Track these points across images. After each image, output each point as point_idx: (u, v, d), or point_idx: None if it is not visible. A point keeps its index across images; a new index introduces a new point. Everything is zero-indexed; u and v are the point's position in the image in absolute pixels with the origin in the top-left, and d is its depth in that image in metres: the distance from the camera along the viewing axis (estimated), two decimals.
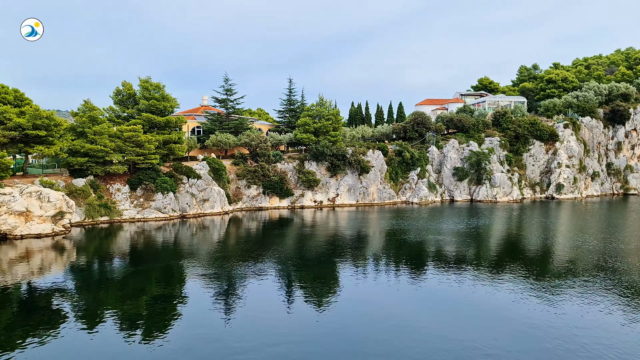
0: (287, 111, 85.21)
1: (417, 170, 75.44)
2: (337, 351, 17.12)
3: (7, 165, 44.45)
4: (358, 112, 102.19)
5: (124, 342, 17.89)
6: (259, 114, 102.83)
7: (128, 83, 61.92)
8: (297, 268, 30.52)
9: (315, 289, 25.45)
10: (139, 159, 54.13)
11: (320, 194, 68.22)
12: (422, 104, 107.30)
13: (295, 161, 69.43)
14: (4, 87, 50.98)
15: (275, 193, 65.27)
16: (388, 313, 21.44)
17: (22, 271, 29.83)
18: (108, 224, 49.25)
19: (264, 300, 23.59)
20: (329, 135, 70.59)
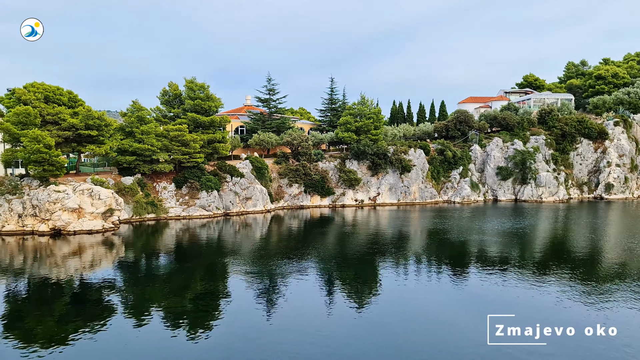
0: (329, 110, 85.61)
1: (460, 170, 74.55)
2: (376, 351, 17.22)
3: (61, 164, 46.51)
4: (399, 111, 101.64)
5: (169, 337, 18.61)
6: (300, 113, 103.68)
7: (174, 84, 63.64)
8: (337, 267, 30.83)
9: (355, 288, 25.65)
10: (185, 157, 55.64)
11: (361, 193, 68.37)
12: (465, 102, 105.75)
13: (336, 160, 69.79)
14: (59, 89, 53.23)
15: (316, 192, 65.83)
16: (428, 314, 21.43)
17: (74, 265, 31.31)
18: (155, 221, 50.89)
19: (305, 299, 23.94)
20: (370, 134, 70.58)
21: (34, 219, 42.30)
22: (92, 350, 17.30)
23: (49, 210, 41.85)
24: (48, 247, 37.21)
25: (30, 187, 45.05)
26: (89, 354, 16.89)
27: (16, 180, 45.51)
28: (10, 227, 42.02)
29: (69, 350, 17.22)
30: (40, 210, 42.01)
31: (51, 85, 52.62)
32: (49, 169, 45.32)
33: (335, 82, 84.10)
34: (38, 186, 45.03)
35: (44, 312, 21.61)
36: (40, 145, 44.02)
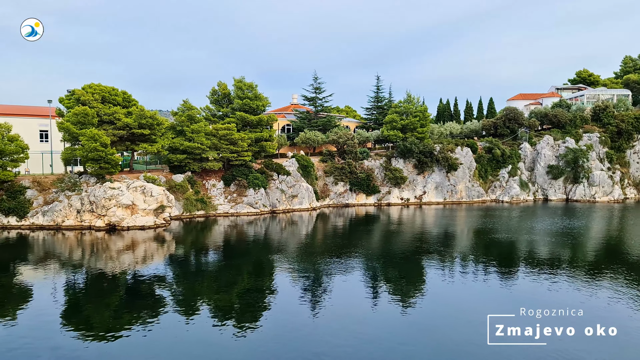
0: (375, 108, 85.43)
1: (508, 168, 73.06)
2: (421, 351, 17.30)
3: (116, 161, 48.48)
4: (446, 109, 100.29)
5: (217, 331, 19.28)
6: (346, 112, 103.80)
7: (223, 83, 65.08)
8: (383, 265, 30.95)
9: (400, 287, 25.68)
10: (233, 156, 56.90)
11: (407, 192, 68.07)
12: (514, 99, 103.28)
13: (382, 158, 69.71)
14: (115, 90, 55.42)
15: (361, 190, 65.98)
16: (474, 315, 21.18)
17: (128, 260, 32.72)
18: (204, 217, 52.32)
19: (350, 296, 24.15)
20: (417, 132, 70.13)
21: (91, 215, 44.30)
22: (144, 341, 18.14)
23: (105, 207, 43.75)
24: (104, 241, 38.95)
25: (87, 184, 47.20)
26: (142, 345, 17.74)
27: (75, 178, 47.77)
28: (69, 222, 44.19)
29: (123, 340, 18.12)
30: (97, 206, 43.97)
31: (107, 86, 54.86)
32: (105, 166, 47.34)
33: (381, 80, 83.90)
34: (95, 183, 47.12)
35: (100, 304, 22.76)
36: (97, 144, 46.03)
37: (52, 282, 27.09)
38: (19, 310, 21.75)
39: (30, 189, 46.30)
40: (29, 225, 44.06)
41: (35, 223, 44.19)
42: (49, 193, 46.44)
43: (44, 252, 35.16)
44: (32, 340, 17.96)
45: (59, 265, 30.79)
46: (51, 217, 44.23)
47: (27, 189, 46.13)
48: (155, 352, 17.17)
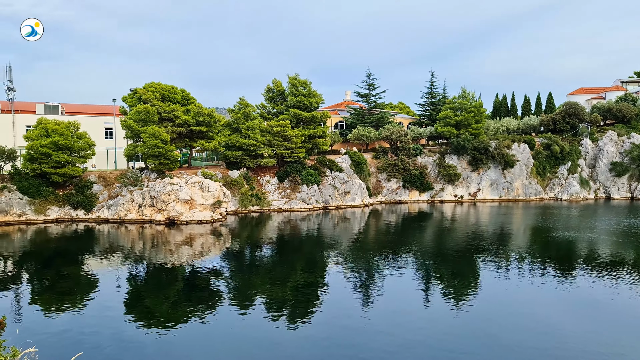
0: (428, 104, 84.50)
1: (568, 165, 70.67)
2: (474, 352, 17.14)
3: (175, 158, 50.32)
4: (502, 104, 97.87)
5: (270, 324, 19.86)
6: (399, 108, 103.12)
7: (278, 81, 66.15)
8: (435, 263, 30.78)
9: (453, 285, 25.46)
10: (287, 152, 57.85)
11: (461, 189, 67.10)
12: (575, 94, 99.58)
13: (435, 155, 68.98)
14: (174, 88, 57.43)
15: (414, 187, 65.57)
16: (530, 315, 20.82)
17: (186, 253, 34.04)
18: (258, 213, 53.53)
19: (401, 294, 24.21)
20: (471, 128, 68.94)
21: (152, 209, 46.21)
22: (202, 331, 18.97)
23: (165, 202, 45.54)
24: (163, 235, 40.61)
25: (148, 179, 49.25)
26: (199, 335, 18.56)
27: (137, 173, 49.93)
28: (131, 216, 46.29)
29: (182, 330, 19.00)
30: (157, 201, 45.83)
31: (167, 85, 56.91)
32: (165, 162, 49.22)
33: (435, 76, 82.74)
34: (155, 179, 49.10)
35: (160, 295, 23.89)
36: (157, 141, 47.92)
37: (115, 273, 28.59)
38: (86, 299, 23.13)
39: (96, 184, 48.79)
40: (95, 219, 46.48)
41: (101, 216, 46.57)
42: (113, 188, 48.79)
43: (108, 245, 37.06)
44: (98, 329, 19.12)
45: (122, 257, 32.42)
46: (115, 211, 46.48)
47: (94, 184, 48.64)
48: (211, 342, 17.93)
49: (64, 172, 46.19)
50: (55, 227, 43.70)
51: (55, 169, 45.94)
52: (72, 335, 18.30)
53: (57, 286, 25.49)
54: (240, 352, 17.10)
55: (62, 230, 42.39)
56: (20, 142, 55.40)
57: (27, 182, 46.16)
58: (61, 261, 31.45)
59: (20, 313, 20.88)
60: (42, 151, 45.41)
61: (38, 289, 25.25)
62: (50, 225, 44.25)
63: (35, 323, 19.59)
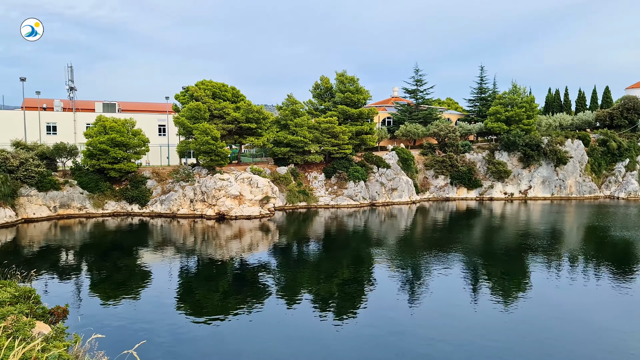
0: (477, 100, 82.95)
1: (625, 162, 68.01)
2: (523, 354, 16.98)
3: (225, 154, 51.54)
4: (555, 99, 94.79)
5: (316, 319, 20.29)
6: (448, 104, 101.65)
7: (325, 77, 66.54)
8: (484, 261, 30.43)
9: (502, 285, 25.11)
10: (334, 149, 58.24)
11: (511, 186, 65.72)
12: (635, 87, 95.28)
13: (484, 151, 67.79)
14: (224, 86, 58.70)
15: (463, 184, 64.71)
16: (583, 318, 20.46)
17: (235, 248, 34.97)
18: (305, 208, 54.18)
19: (449, 292, 24.11)
20: (522, 124, 67.33)
21: (203, 204, 47.57)
22: (250, 324, 19.58)
23: (215, 197, 46.80)
24: (214, 230, 41.78)
25: (200, 175, 50.67)
26: (248, 328, 19.18)
27: (188, 169, 51.47)
28: (183, 210, 47.81)
29: (231, 323, 19.68)
30: (208, 196, 47.13)
31: (217, 82, 58.22)
32: (215, 158, 50.50)
33: (485, 71, 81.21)
34: (206, 175, 50.47)
35: (210, 288, 24.73)
36: (208, 137, 49.22)
37: (168, 266, 29.73)
38: (140, 290, 24.23)
39: (150, 179, 50.61)
40: (149, 213, 48.26)
41: (154, 211, 48.31)
42: (166, 183, 50.49)
43: (161, 238, 38.48)
44: (152, 317, 20.06)
45: (174, 251, 33.64)
46: (168, 206, 48.11)
47: (148, 179, 50.48)
48: (259, 335, 18.49)
49: (120, 167, 48.15)
50: (112, 220, 45.66)
51: (112, 165, 47.95)
52: (130, 324, 19.27)
53: (114, 277, 26.76)
54: (288, 346, 17.58)
55: (119, 223, 44.25)
56: (80, 139, 58.07)
57: (87, 177, 48.37)
58: (117, 253, 32.93)
59: (80, 302, 22.10)
60: (100, 147, 47.47)
61: (97, 279, 26.60)
62: (108, 219, 46.26)
63: (94, 311, 20.71)
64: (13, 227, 41.10)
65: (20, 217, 43.26)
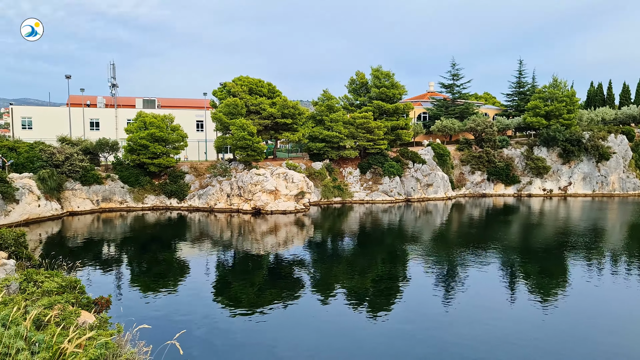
0: (516, 94, 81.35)
1: None
2: (562, 354, 16.68)
3: (261, 149, 52.19)
4: (598, 93, 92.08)
5: (351, 315, 20.47)
6: (485, 98, 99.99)
7: (361, 72, 66.47)
8: (521, 259, 29.97)
9: (540, 284, 24.68)
10: (369, 144, 58.21)
11: (550, 182, 64.36)
12: None
13: (523, 147, 66.55)
14: (261, 82, 59.36)
15: (500, 179, 63.73)
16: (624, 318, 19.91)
17: (271, 242, 35.48)
18: (340, 204, 54.40)
19: (485, 289, 23.88)
20: (562, 119, 65.78)
21: (239, 199, 48.34)
22: (285, 317, 19.93)
23: (251, 192, 47.48)
24: (250, 224, 42.44)
25: (236, 170, 51.47)
26: (283, 322, 19.53)
27: (225, 164, 52.35)
28: (220, 205, 48.71)
29: (266, 316, 20.06)
30: (244, 191, 47.86)
31: (254, 78, 58.93)
32: (252, 154, 51.20)
33: (524, 65, 79.44)
34: (242, 170, 51.23)
35: (246, 281, 25.21)
36: (244, 133, 49.92)
37: (205, 259, 30.43)
38: (179, 283, 24.92)
39: (188, 174, 51.69)
40: (187, 207, 49.33)
41: (192, 205, 49.35)
42: (203, 178, 51.49)
43: (199, 232, 39.35)
44: (190, 309, 20.65)
45: (211, 244, 34.38)
46: (205, 200, 49.08)
47: (186, 174, 51.58)
48: (294, 329, 18.82)
49: (159, 162, 49.34)
50: (151, 214, 46.89)
51: (151, 160, 49.19)
52: (168, 315, 19.89)
53: (154, 269, 27.58)
54: (322, 341, 17.84)
55: (158, 217, 45.42)
56: (121, 135, 59.71)
57: (128, 172, 49.76)
58: (157, 246, 33.86)
59: (122, 292, 22.91)
60: (140, 143, 48.74)
61: (137, 271, 27.48)
62: (147, 213, 47.52)
63: (135, 302, 21.44)
64: (59, 220, 42.70)
65: (65, 210, 44.89)
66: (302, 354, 16.62)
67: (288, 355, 16.55)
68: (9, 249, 17.88)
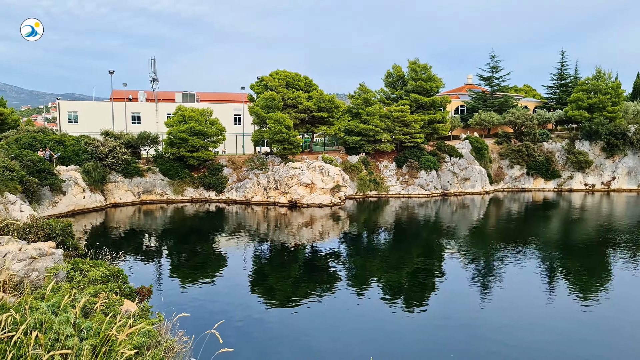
0: (557, 86, 79.29)
1: None
2: (601, 355, 16.45)
3: (297, 143, 52.58)
4: None
5: (386, 309, 20.54)
6: (525, 91, 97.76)
7: (397, 65, 66.03)
8: (561, 255, 29.44)
9: (581, 280, 24.27)
10: (405, 137, 57.90)
11: (593, 177, 62.64)
12: None
13: (564, 140, 64.95)
14: (297, 75, 59.64)
15: (539, 174, 62.42)
16: None
17: (307, 235, 35.83)
18: (376, 197, 54.38)
19: (523, 285, 23.59)
20: (606, 112, 63.83)
21: (276, 192, 48.91)
22: (320, 311, 20.19)
23: (287, 185, 47.96)
24: (286, 217, 42.93)
25: (273, 163, 52.03)
26: (318, 315, 19.80)
27: (262, 158, 52.99)
28: (257, 197, 49.40)
29: (301, 308, 20.39)
30: (281, 184, 48.39)
31: (291, 72, 59.24)
32: (288, 147, 51.64)
33: (566, 56, 77.35)
34: (279, 163, 51.74)
35: (282, 274, 25.63)
36: (281, 126, 50.38)
37: (242, 251, 31.02)
38: (217, 274, 25.52)
39: (226, 167, 52.56)
40: (225, 200, 50.22)
41: (230, 198, 50.22)
42: (241, 171, 52.28)
43: (236, 224, 40.05)
44: (227, 300, 21.16)
45: (248, 237, 34.98)
46: (242, 193, 49.84)
47: (224, 167, 52.45)
48: (329, 322, 19.06)
49: (198, 155, 50.32)
50: (190, 206, 47.94)
51: (190, 153, 50.21)
52: (207, 305, 20.45)
53: (192, 261, 28.30)
54: (357, 334, 18.02)
55: (196, 209, 46.41)
56: (162, 128, 61.07)
57: (168, 165, 50.95)
58: (195, 238, 34.67)
59: (162, 283, 23.64)
60: (180, 136, 49.80)
61: (176, 262, 28.25)
62: (186, 205, 48.59)
63: (174, 292, 22.11)
64: (102, 211, 44.14)
65: (108, 202, 46.34)
66: (338, 347, 16.86)
67: (324, 347, 16.83)
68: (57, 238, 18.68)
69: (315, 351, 16.49)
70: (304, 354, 16.25)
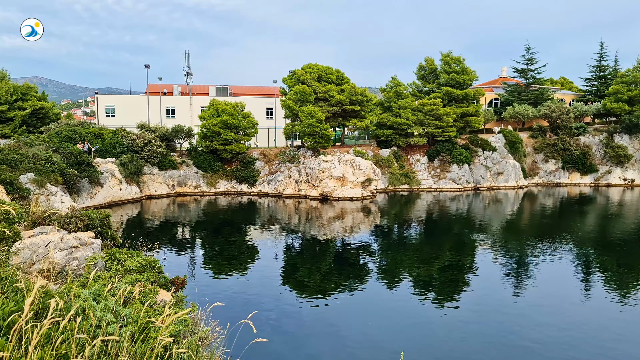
0: (596, 79, 77.19)
1: None
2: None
3: (329, 136, 52.70)
4: None
5: (417, 303, 20.52)
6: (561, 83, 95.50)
7: (430, 58, 65.38)
8: (597, 252, 28.81)
9: (619, 278, 23.66)
10: (437, 131, 57.37)
11: (632, 171, 60.92)
12: None
13: (602, 134, 63.31)
14: (329, 69, 59.70)
15: (575, 168, 61.06)
16: None
17: (337, 228, 35.99)
18: (407, 191, 54.12)
19: (557, 282, 23.28)
20: None
21: (307, 185, 49.18)
22: (351, 304, 20.33)
23: (319, 178, 48.16)
24: (317, 210, 43.16)
25: (304, 156, 52.31)
26: (349, 308, 19.94)
27: (294, 151, 53.30)
28: (289, 190, 49.77)
29: (333, 301, 20.53)
30: (312, 177, 48.62)
31: (322, 66, 59.33)
32: (320, 141, 51.83)
33: (605, 47, 75.18)
34: (310, 156, 51.99)
35: (313, 266, 25.84)
36: (313, 120, 50.56)
37: (274, 243, 31.38)
38: (249, 265, 25.91)
39: (259, 160, 53.10)
40: (257, 192, 50.78)
41: (262, 190, 50.74)
42: (272, 164, 52.73)
43: (268, 217, 40.48)
44: (259, 291, 21.49)
45: (280, 229, 35.34)
46: (274, 186, 50.30)
47: (256, 160, 53.00)
48: (359, 316, 19.20)
49: (231, 149, 50.96)
50: (223, 198, 48.64)
51: (223, 146, 50.89)
52: (239, 296, 20.81)
53: (225, 252, 28.77)
54: (387, 327, 18.08)
55: (229, 202, 47.07)
56: (195, 122, 62.02)
57: (201, 158, 51.76)
58: (228, 229, 35.21)
59: (195, 273, 24.15)
60: (213, 129, 50.50)
61: (209, 253, 28.78)
62: (219, 197, 49.32)
63: (208, 283, 22.56)
64: (138, 203, 45.19)
65: (144, 194, 47.39)
66: (369, 340, 16.96)
67: (355, 339, 16.94)
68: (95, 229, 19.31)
69: (347, 344, 16.61)
70: (336, 347, 16.40)
